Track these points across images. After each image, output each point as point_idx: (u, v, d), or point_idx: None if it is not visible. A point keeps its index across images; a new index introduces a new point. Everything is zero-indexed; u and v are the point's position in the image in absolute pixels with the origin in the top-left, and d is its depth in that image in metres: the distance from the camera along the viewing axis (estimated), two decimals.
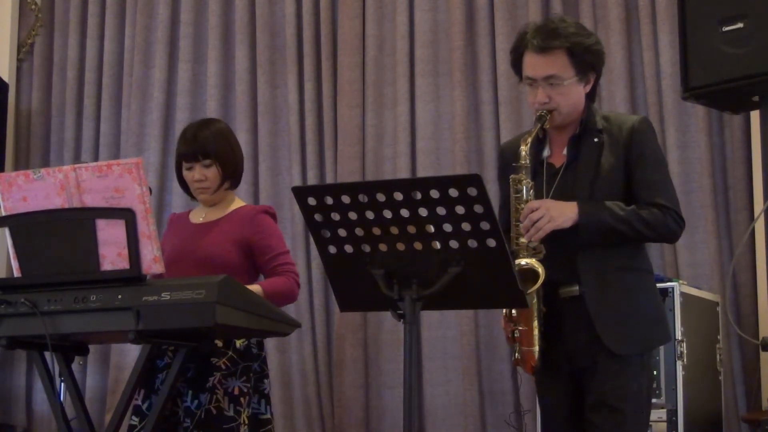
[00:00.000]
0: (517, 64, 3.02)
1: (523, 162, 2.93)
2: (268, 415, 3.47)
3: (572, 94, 2.96)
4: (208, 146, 3.52)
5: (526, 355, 2.92)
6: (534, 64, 2.95)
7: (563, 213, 2.86)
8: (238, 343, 3.41)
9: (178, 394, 3.36)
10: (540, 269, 2.85)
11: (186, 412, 3.33)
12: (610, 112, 3.13)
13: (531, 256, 2.88)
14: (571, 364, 2.94)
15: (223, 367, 3.36)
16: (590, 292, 2.89)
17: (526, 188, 2.93)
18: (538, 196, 2.96)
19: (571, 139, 3.00)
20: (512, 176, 2.96)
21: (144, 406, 3.40)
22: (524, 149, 2.93)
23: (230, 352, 3.38)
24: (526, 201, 2.91)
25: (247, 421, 3.35)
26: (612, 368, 2.87)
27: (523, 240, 2.89)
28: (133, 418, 3.40)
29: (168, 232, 3.71)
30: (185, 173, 3.58)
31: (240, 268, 3.45)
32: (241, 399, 3.35)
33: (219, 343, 3.37)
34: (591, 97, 3.03)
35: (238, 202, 3.66)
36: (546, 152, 3.05)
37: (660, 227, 2.90)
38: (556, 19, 3.06)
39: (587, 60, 2.95)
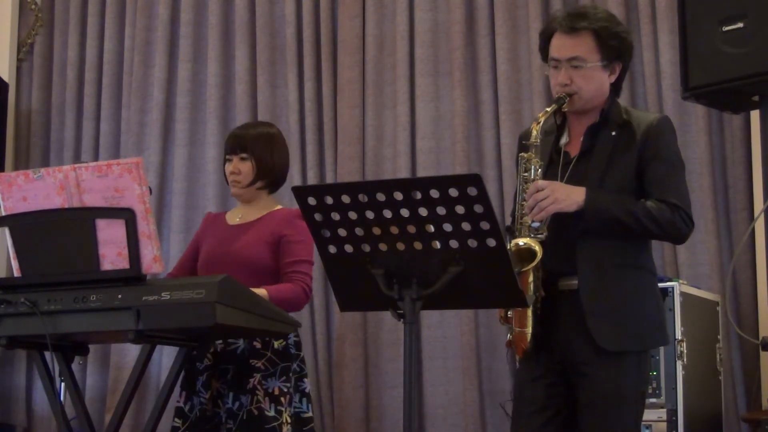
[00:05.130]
0: (544, 48, 2.99)
1: (534, 141, 2.90)
2: (310, 413, 3.52)
3: (595, 79, 2.92)
4: (247, 141, 3.60)
5: (518, 336, 2.88)
6: (560, 45, 2.92)
7: (569, 196, 2.81)
8: (276, 344, 3.46)
9: (219, 396, 3.44)
10: (537, 247, 2.81)
11: (228, 414, 3.40)
12: (633, 108, 3.09)
13: (531, 237, 2.84)
14: (563, 358, 2.90)
15: (262, 368, 3.41)
16: (586, 285, 2.85)
17: (534, 168, 2.89)
18: None
19: (588, 129, 2.96)
20: (521, 154, 2.92)
21: (186, 408, 3.46)
22: (535, 128, 2.89)
23: (269, 353, 3.42)
24: (533, 180, 2.87)
25: (289, 420, 3.41)
26: (605, 367, 2.83)
27: (526, 219, 2.85)
28: (176, 420, 3.47)
29: (203, 231, 3.73)
30: (225, 166, 3.65)
31: (272, 267, 3.47)
32: (282, 399, 3.40)
33: (257, 345, 3.42)
34: (616, 90, 2.99)
35: (276, 205, 3.68)
36: (564, 139, 3.01)
37: (667, 225, 2.85)
38: (589, 5, 3.05)
39: (614, 45, 2.92)
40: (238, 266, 3.41)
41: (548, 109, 2.91)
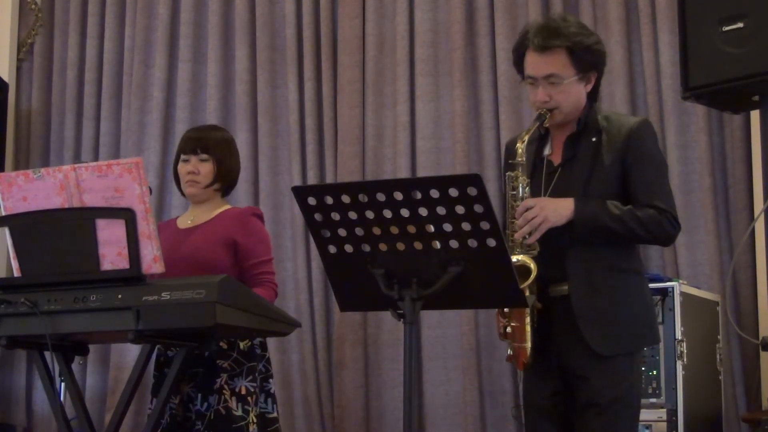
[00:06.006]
0: (519, 63, 3.02)
1: (520, 159, 2.94)
2: (275, 414, 3.52)
3: (573, 93, 2.95)
4: (209, 143, 3.59)
5: (518, 351, 2.91)
6: (535, 63, 2.95)
7: (557, 211, 2.86)
8: (242, 344, 3.46)
9: (189, 399, 3.42)
10: (532, 265, 2.85)
11: (197, 415, 3.39)
12: (612, 112, 3.12)
13: (524, 253, 2.88)
14: (560, 364, 2.94)
15: (229, 368, 3.41)
16: (577, 292, 2.89)
17: (522, 186, 2.93)
18: (536, 193, 2.96)
19: (568, 138, 3.00)
20: (508, 173, 2.97)
21: None
22: (521, 146, 2.93)
23: (235, 354, 3.42)
24: (522, 198, 2.91)
25: (255, 420, 3.40)
26: (600, 370, 2.87)
27: (517, 237, 2.89)
28: None
29: None
30: (180, 165, 3.63)
31: (229, 269, 3.46)
32: (249, 398, 3.40)
33: (224, 345, 3.41)
34: (593, 96, 3.02)
35: (226, 205, 3.69)
36: (547, 150, 3.05)
37: (655, 228, 2.89)
38: (558, 18, 3.06)
39: (588, 59, 2.95)
40: (193, 265, 3.40)
41: (531, 128, 2.96)
